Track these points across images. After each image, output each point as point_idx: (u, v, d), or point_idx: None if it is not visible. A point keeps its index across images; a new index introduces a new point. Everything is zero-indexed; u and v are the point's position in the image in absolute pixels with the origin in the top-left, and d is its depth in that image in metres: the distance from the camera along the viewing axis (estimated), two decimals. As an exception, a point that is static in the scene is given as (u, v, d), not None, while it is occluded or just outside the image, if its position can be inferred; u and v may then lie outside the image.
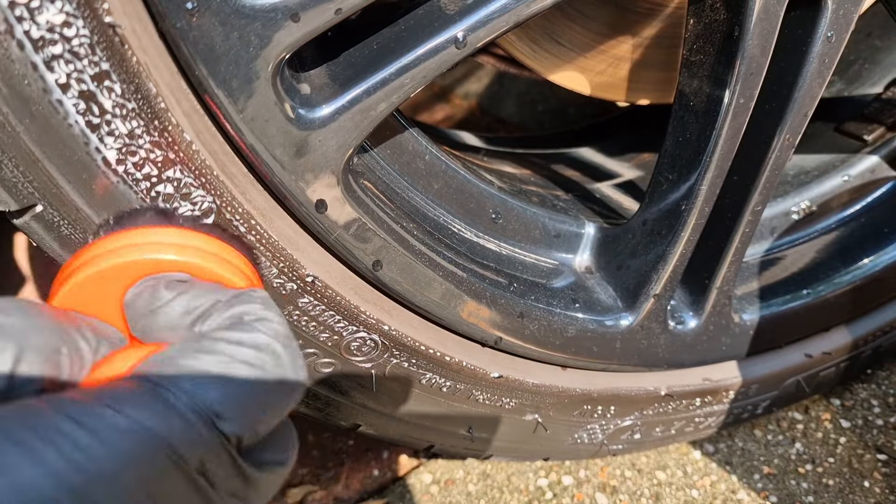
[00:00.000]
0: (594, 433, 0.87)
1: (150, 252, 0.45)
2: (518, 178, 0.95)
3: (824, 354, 0.94)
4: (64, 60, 0.44)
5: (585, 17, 0.84)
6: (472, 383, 0.75)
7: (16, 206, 0.48)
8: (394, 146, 0.69)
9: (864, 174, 0.97)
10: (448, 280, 0.66)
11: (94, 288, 0.44)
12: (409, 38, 0.54)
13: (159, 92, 0.47)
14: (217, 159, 0.52)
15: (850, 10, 0.64)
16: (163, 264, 0.45)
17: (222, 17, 0.45)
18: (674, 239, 0.72)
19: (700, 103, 0.68)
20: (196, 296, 0.41)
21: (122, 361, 0.39)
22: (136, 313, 0.42)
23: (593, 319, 0.76)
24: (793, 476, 0.93)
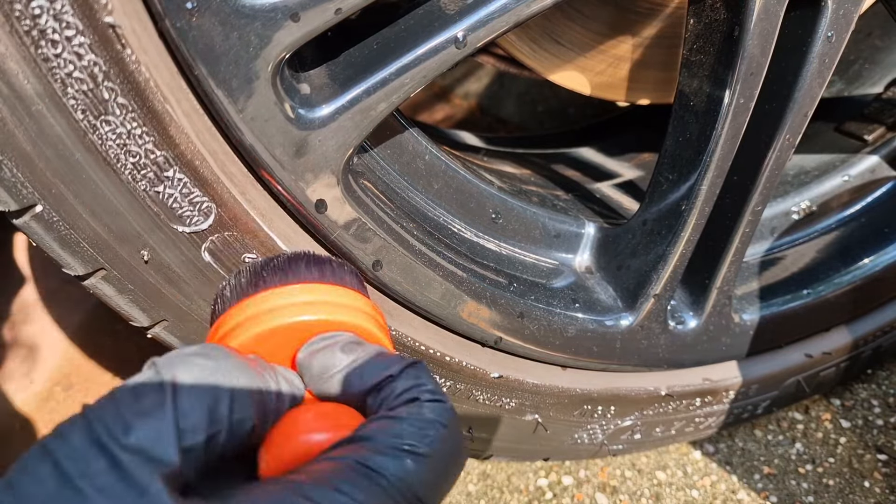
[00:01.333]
0: (594, 433, 0.87)
1: (328, 313, 0.47)
2: (518, 178, 0.95)
3: (824, 354, 0.94)
4: (64, 60, 0.44)
5: (585, 16, 0.84)
6: (472, 383, 0.75)
7: (15, 206, 0.48)
8: (394, 146, 0.69)
9: (864, 174, 0.97)
10: (448, 280, 0.66)
11: (267, 340, 0.45)
12: (409, 38, 0.54)
13: (159, 92, 0.47)
14: (217, 159, 0.52)
15: (850, 10, 0.64)
16: (336, 325, 0.47)
17: (222, 16, 0.45)
18: (674, 239, 0.72)
19: (700, 103, 0.68)
20: (371, 364, 0.43)
21: (317, 425, 0.41)
22: (313, 374, 0.44)
23: (593, 319, 0.76)
24: (793, 476, 0.93)
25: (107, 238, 0.51)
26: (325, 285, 0.49)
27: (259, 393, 0.39)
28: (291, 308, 0.46)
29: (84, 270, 0.53)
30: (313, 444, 0.39)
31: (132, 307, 0.56)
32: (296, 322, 0.46)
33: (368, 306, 0.50)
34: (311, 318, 0.46)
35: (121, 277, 0.54)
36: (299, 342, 0.46)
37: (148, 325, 0.58)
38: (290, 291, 0.47)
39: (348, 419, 0.42)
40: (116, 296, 0.55)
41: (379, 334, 0.49)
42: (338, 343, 0.45)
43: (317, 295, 0.48)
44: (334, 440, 0.39)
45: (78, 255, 0.52)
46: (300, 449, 0.39)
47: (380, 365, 0.43)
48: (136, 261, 0.53)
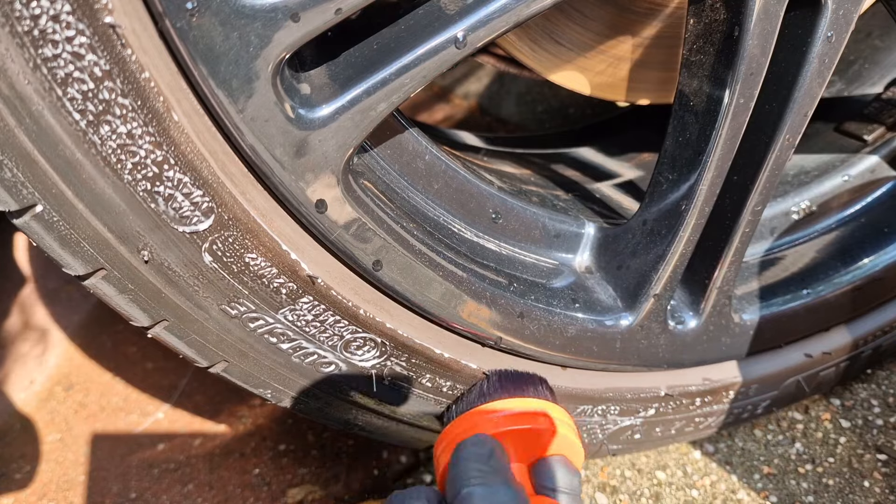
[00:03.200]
0: (594, 433, 0.87)
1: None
2: (518, 178, 0.95)
3: (824, 354, 0.94)
4: (64, 60, 0.44)
5: (585, 16, 0.84)
6: (473, 383, 0.75)
7: (16, 206, 0.48)
8: (394, 146, 0.69)
9: (864, 174, 0.97)
10: (448, 280, 0.66)
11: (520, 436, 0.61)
12: (409, 38, 0.54)
13: (160, 92, 0.47)
14: (217, 159, 0.52)
15: (850, 10, 0.64)
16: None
17: (222, 17, 0.45)
18: (674, 239, 0.72)
19: (700, 103, 0.68)
20: None
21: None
22: (553, 483, 0.59)
23: (593, 319, 0.76)
24: (793, 476, 0.93)
25: (107, 238, 0.52)
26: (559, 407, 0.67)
27: None
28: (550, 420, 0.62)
29: (84, 270, 0.53)
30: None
31: (132, 307, 0.56)
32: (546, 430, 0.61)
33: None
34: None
35: (121, 277, 0.54)
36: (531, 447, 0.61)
37: (148, 325, 0.58)
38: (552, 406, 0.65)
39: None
40: (116, 296, 0.55)
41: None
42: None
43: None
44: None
45: (78, 255, 0.52)
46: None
47: None
48: (137, 261, 0.53)
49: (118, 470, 1.00)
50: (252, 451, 1.01)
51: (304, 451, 1.01)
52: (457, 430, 0.64)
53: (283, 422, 1.05)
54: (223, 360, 0.62)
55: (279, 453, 1.01)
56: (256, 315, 0.60)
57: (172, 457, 1.02)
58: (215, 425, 1.07)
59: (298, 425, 1.05)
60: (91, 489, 0.98)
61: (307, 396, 0.68)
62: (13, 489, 0.98)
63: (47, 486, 0.98)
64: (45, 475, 1.00)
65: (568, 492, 0.58)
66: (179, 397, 1.11)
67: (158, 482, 0.98)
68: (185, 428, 1.06)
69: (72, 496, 0.97)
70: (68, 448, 1.04)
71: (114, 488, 0.98)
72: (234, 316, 0.59)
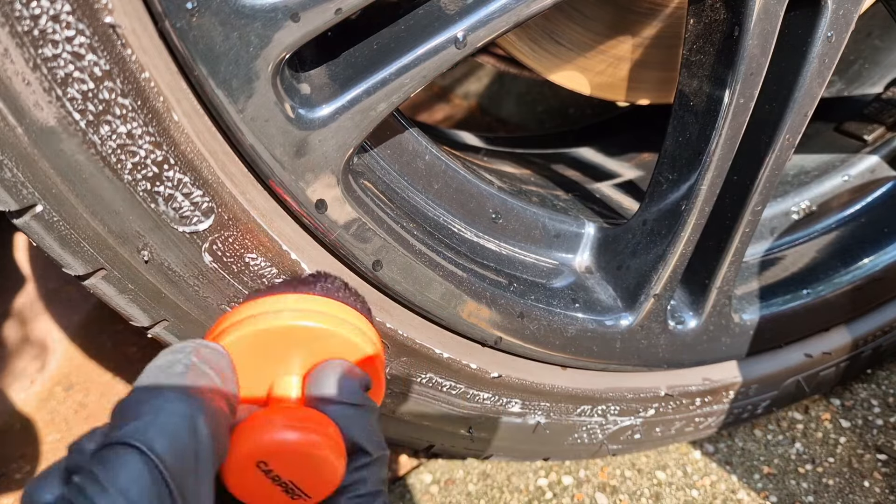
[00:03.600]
0: (594, 433, 0.87)
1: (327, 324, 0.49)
2: (518, 178, 0.95)
3: (824, 354, 0.94)
4: (64, 60, 0.44)
5: (585, 16, 0.84)
6: (472, 383, 0.75)
7: (16, 206, 0.48)
8: (394, 146, 0.69)
9: (864, 174, 0.97)
10: (448, 280, 0.66)
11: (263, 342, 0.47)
12: (408, 38, 0.54)
13: (160, 92, 0.47)
14: (217, 159, 0.52)
15: (850, 10, 0.64)
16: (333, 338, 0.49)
17: (222, 16, 0.45)
18: (674, 239, 0.72)
19: (700, 103, 0.68)
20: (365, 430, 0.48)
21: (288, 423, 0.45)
22: (318, 388, 0.48)
23: (593, 319, 0.76)
24: (793, 476, 0.93)
25: (107, 238, 0.51)
26: (331, 300, 0.51)
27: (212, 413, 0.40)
28: (290, 313, 0.48)
29: (84, 270, 0.53)
30: (283, 442, 0.43)
31: (132, 307, 0.56)
32: (292, 327, 0.47)
33: (373, 332, 0.53)
34: (310, 325, 0.48)
35: (121, 277, 0.54)
36: (303, 348, 0.49)
37: (148, 325, 0.58)
38: (295, 299, 0.49)
39: (316, 424, 0.45)
40: (117, 296, 0.55)
41: (377, 362, 0.52)
42: (356, 380, 0.49)
43: (321, 307, 0.50)
44: (304, 440, 0.43)
45: (78, 255, 0.52)
46: (276, 444, 0.43)
47: (370, 437, 0.48)
48: (137, 261, 0.53)
49: (118, 470, 1.00)
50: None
51: (304, 451, 1.01)
52: None
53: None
54: (223, 360, 0.62)
55: (279, 453, 1.01)
56: (256, 315, 0.60)
57: (172, 457, 1.02)
58: (215, 425, 1.06)
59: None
60: (91, 489, 0.97)
61: (307, 396, 0.68)
62: (13, 489, 0.98)
63: (47, 486, 0.98)
64: (45, 475, 1.00)
65: (341, 401, 0.47)
66: (179, 397, 1.10)
67: (158, 482, 0.98)
68: (185, 428, 1.06)
69: (72, 496, 0.97)
70: (68, 448, 1.03)
71: (114, 488, 0.98)
72: (234, 316, 0.60)
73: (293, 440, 0.43)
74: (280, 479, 0.44)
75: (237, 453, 0.42)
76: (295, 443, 0.43)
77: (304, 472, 0.44)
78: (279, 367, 0.49)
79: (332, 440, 0.45)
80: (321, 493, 0.46)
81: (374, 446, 0.48)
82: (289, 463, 0.44)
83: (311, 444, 0.43)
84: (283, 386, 0.49)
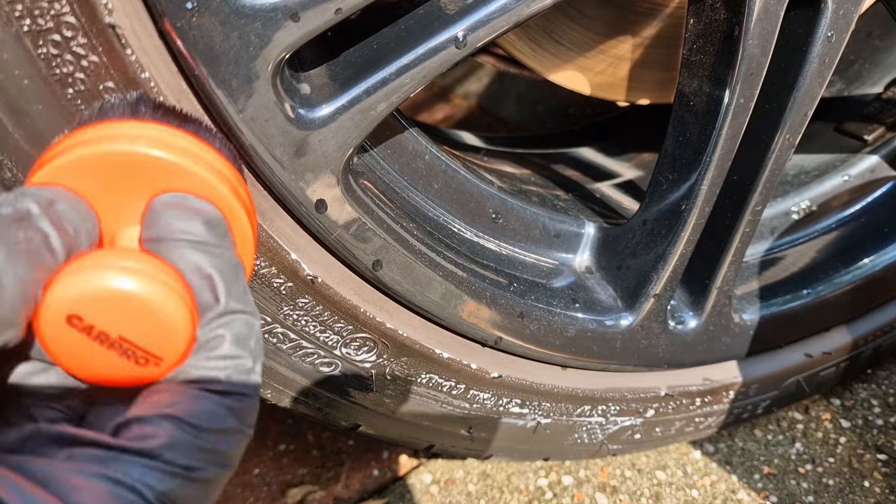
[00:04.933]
0: (594, 433, 0.87)
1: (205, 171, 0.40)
2: (518, 177, 0.95)
3: (824, 354, 0.94)
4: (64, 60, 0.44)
5: (585, 16, 0.84)
6: (472, 383, 0.75)
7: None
8: (394, 146, 0.69)
9: (864, 174, 0.97)
10: (448, 280, 0.66)
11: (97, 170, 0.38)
12: (409, 38, 0.54)
13: (159, 92, 0.47)
14: (217, 159, 0.52)
15: (850, 10, 0.64)
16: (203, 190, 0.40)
17: (222, 16, 0.45)
18: (674, 239, 0.72)
19: (700, 103, 0.68)
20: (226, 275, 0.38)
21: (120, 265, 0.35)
22: (156, 229, 0.38)
23: (593, 319, 0.76)
24: (793, 476, 0.93)
25: (107, 238, 0.51)
26: (190, 135, 0.41)
27: None
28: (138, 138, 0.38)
29: (84, 270, 0.53)
30: (103, 284, 0.34)
31: (132, 307, 0.56)
32: (134, 155, 0.38)
33: (237, 178, 0.43)
34: (158, 155, 0.38)
35: (121, 277, 0.54)
36: (144, 189, 0.39)
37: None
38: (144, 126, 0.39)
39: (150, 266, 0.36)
40: (116, 296, 0.55)
41: (236, 206, 0.41)
42: (201, 216, 0.39)
43: (177, 140, 0.40)
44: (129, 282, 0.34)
45: (78, 255, 0.52)
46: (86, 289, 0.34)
47: (223, 283, 0.38)
48: (136, 261, 0.53)
49: (118, 470, 1.00)
50: (252, 451, 1.01)
51: (304, 451, 1.01)
52: None
53: (282, 422, 1.05)
54: (223, 360, 0.62)
55: (279, 453, 1.01)
56: (256, 315, 0.60)
57: (172, 457, 1.02)
58: (215, 425, 1.06)
59: (298, 425, 1.05)
60: (91, 489, 0.97)
61: (307, 396, 0.68)
62: (13, 489, 0.98)
63: (47, 486, 0.98)
64: (45, 475, 1.00)
65: (177, 238, 0.37)
66: (179, 397, 1.10)
67: (158, 482, 0.98)
68: (185, 428, 1.06)
69: (72, 496, 0.97)
70: (68, 448, 1.03)
71: (114, 488, 0.98)
72: (234, 316, 0.59)
73: (106, 283, 0.34)
74: (109, 340, 0.35)
75: (44, 308, 0.34)
76: (111, 287, 0.34)
77: (139, 327, 0.35)
78: (114, 212, 0.39)
79: (163, 283, 0.35)
80: (171, 354, 0.36)
81: (229, 296, 0.37)
82: (112, 316, 0.34)
83: (135, 288, 0.34)
84: (122, 237, 0.40)
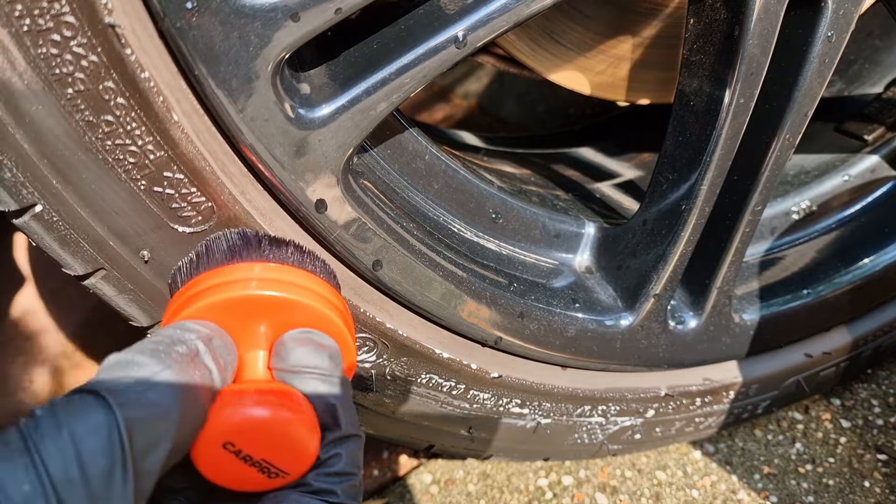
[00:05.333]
0: (594, 433, 0.87)
1: (303, 297, 0.46)
2: (518, 177, 0.95)
3: (824, 354, 0.94)
4: (64, 60, 0.44)
5: (585, 16, 0.84)
6: (472, 383, 0.75)
7: (15, 206, 0.48)
8: (394, 146, 0.69)
9: (864, 174, 0.97)
10: (448, 280, 0.66)
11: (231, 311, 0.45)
12: (408, 38, 0.54)
13: (159, 91, 0.47)
14: (217, 159, 0.52)
15: (850, 10, 0.64)
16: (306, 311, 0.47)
17: (222, 16, 0.45)
18: (674, 239, 0.72)
19: (700, 103, 0.68)
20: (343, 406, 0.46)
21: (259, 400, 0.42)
22: (285, 361, 0.45)
23: (593, 319, 0.76)
24: (793, 476, 0.93)
25: (107, 238, 0.51)
26: (303, 271, 0.48)
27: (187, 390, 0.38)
28: (267, 283, 0.45)
29: (84, 270, 0.53)
30: (255, 418, 0.41)
31: (132, 307, 0.56)
32: (267, 297, 0.45)
33: (343, 304, 0.51)
34: (286, 296, 0.45)
35: (121, 277, 0.54)
36: (268, 320, 0.46)
37: (148, 325, 0.58)
38: (266, 267, 0.46)
39: (286, 399, 0.43)
40: (116, 295, 0.55)
41: (346, 333, 0.49)
42: (325, 350, 0.46)
43: (295, 277, 0.47)
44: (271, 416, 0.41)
45: (78, 254, 0.52)
46: (242, 423, 0.40)
47: (342, 410, 0.45)
48: (136, 261, 0.53)
49: (118, 470, 1.00)
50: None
51: (304, 452, 1.01)
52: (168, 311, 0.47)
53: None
54: (223, 360, 0.62)
55: (279, 453, 1.01)
56: (256, 315, 0.60)
57: (172, 457, 1.02)
58: (215, 425, 1.06)
59: (298, 425, 1.05)
60: (91, 489, 0.97)
61: (307, 396, 0.68)
62: (13, 489, 0.97)
63: (47, 486, 0.98)
64: (45, 475, 1.00)
65: (309, 372, 0.45)
66: (179, 397, 1.10)
67: (158, 482, 0.98)
68: (185, 428, 1.06)
69: (72, 496, 0.97)
70: (68, 448, 1.03)
71: (114, 488, 0.98)
72: (234, 316, 0.59)
73: (258, 417, 0.41)
74: (252, 460, 0.42)
75: (203, 436, 0.40)
76: (261, 420, 0.41)
77: (276, 449, 0.42)
78: (243, 341, 0.46)
79: (305, 416, 0.43)
80: (298, 470, 0.43)
81: (346, 421, 0.45)
82: (257, 442, 0.41)
83: (284, 421, 0.41)
84: (248, 360, 0.46)
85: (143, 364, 0.37)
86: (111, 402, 0.34)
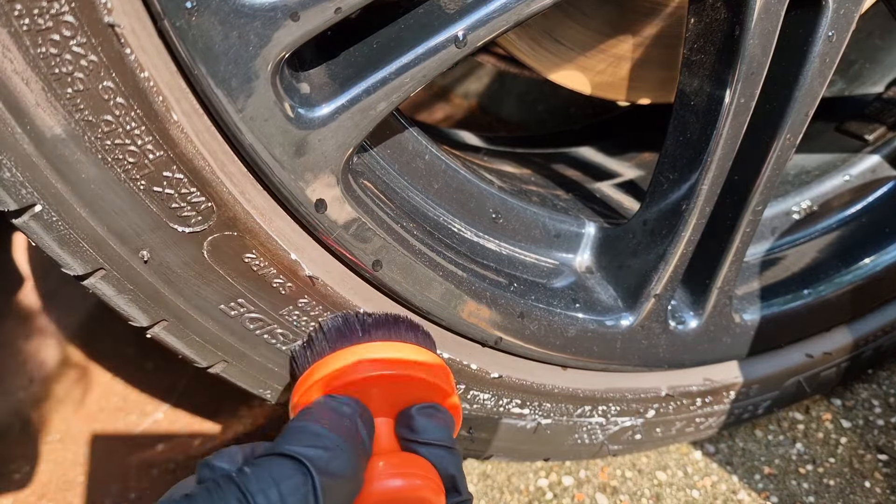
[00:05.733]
0: (595, 433, 0.87)
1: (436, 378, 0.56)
2: (518, 177, 0.95)
3: (825, 354, 0.94)
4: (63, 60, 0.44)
5: (586, 16, 0.84)
6: (473, 383, 0.75)
7: (15, 206, 0.48)
8: (394, 146, 0.69)
9: (865, 174, 0.97)
10: (448, 280, 0.66)
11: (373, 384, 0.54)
12: (408, 38, 0.54)
13: (159, 91, 0.47)
14: (216, 159, 0.52)
15: (850, 10, 0.63)
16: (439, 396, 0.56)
17: (221, 16, 0.45)
18: (674, 239, 0.72)
19: (701, 103, 0.67)
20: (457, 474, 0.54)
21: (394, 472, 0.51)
22: (411, 428, 0.54)
23: (594, 319, 0.76)
24: (794, 476, 0.93)
25: (106, 238, 0.51)
26: (429, 352, 0.59)
27: None
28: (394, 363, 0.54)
29: (83, 270, 0.53)
30: (402, 488, 0.50)
31: (132, 307, 0.56)
32: (404, 376, 0.54)
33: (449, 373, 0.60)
34: (423, 377, 0.54)
35: (120, 277, 0.54)
36: (395, 392, 0.54)
37: (147, 325, 0.58)
38: (399, 347, 0.56)
39: (419, 469, 0.51)
40: (116, 296, 0.55)
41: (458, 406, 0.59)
42: (446, 423, 0.55)
43: (426, 357, 0.57)
44: (411, 485, 0.50)
45: (77, 254, 0.52)
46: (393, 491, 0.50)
47: (461, 478, 0.54)
48: (136, 261, 0.53)
49: (117, 470, 1.00)
50: (252, 452, 1.01)
51: (304, 452, 1.01)
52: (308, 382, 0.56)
53: (282, 422, 1.05)
54: (222, 361, 0.62)
55: (279, 453, 1.01)
56: (256, 315, 0.60)
57: (172, 457, 1.02)
58: (215, 425, 1.06)
59: (298, 425, 1.05)
60: (90, 489, 0.98)
61: (307, 397, 0.68)
62: (12, 489, 0.98)
63: (46, 486, 0.98)
64: (44, 475, 1.00)
65: (437, 444, 0.53)
66: (179, 397, 1.10)
67: (158, 482, 0.98)
68: (185, 428, 1.06)
69: (71, 496, 0.97)
70: (67, 448, 1.03)
71: (113, 489, 0.98)
72: (234, 316, 0.59)
73: (404, 487, 0.50)
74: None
75: (360, 500, 0.48)
76: (406, 489, 0.50)
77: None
78: (374, 410, 0.54)
79: (434, 483, 0.51)
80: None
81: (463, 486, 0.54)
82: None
83: (418, 488, 0.50)
84: (378, 428, 0.55)
85: (323, 435, 0.45)
86: (310, 469, 0.41)
